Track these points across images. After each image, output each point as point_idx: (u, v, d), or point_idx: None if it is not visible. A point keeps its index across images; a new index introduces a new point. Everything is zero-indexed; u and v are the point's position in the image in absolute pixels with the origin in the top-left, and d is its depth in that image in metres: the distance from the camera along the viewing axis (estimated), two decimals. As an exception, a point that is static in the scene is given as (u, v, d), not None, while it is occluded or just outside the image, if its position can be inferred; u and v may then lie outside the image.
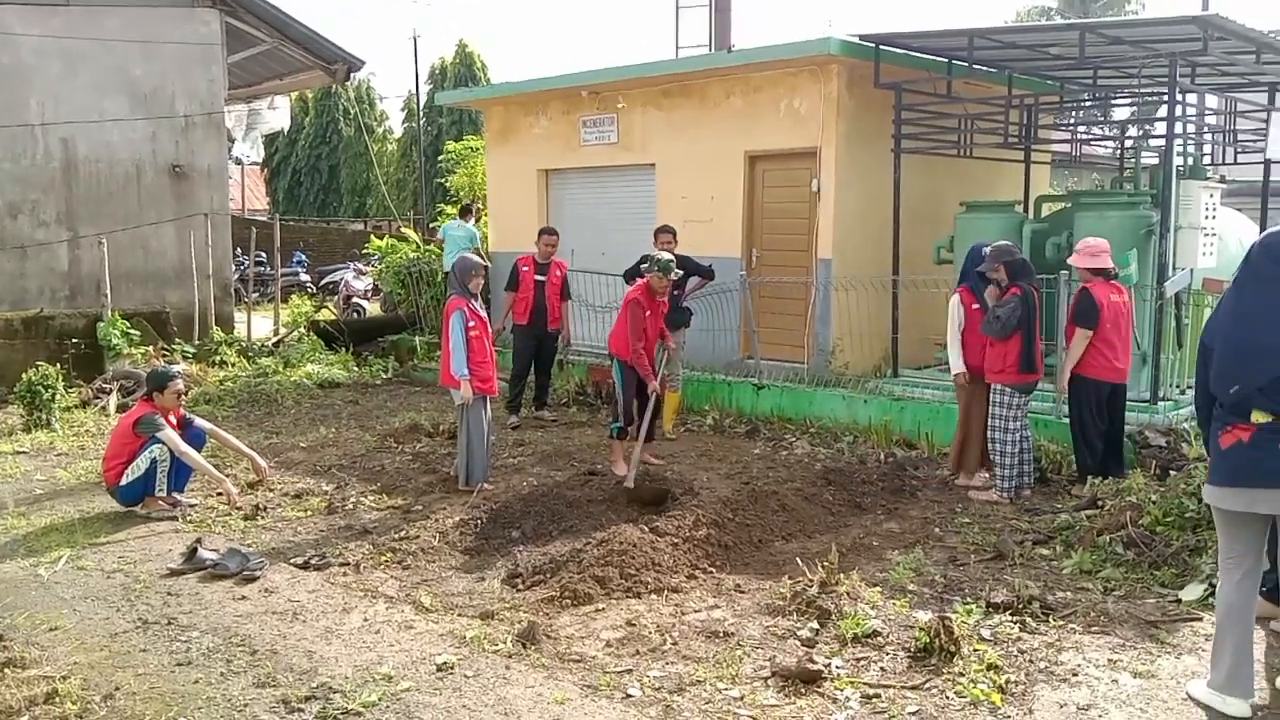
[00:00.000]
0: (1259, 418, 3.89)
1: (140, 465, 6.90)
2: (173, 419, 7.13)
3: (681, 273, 8.28)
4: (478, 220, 14.56)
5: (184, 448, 6.98)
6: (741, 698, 4.20)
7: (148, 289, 13.88)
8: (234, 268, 16.21)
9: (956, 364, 7.34)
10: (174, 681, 4.43)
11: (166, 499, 7.08)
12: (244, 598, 5.43)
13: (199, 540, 6.12)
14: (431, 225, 20.09)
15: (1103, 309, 6.88)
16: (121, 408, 10.66)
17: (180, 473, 7.16)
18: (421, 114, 33.85)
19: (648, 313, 7.77)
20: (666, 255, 7.88)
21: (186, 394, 7.86)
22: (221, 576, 5.71)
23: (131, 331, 12.38)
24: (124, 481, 6.90)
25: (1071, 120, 13.88)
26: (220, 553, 5.99)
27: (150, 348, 12.39)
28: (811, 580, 5.16)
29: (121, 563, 6.03)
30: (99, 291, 12.69)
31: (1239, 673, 4.01)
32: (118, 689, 4.36)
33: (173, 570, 5.83)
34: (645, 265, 7.90)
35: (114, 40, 13.33)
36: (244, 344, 13.63)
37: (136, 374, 11.36)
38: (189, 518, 6.95)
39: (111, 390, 11.00)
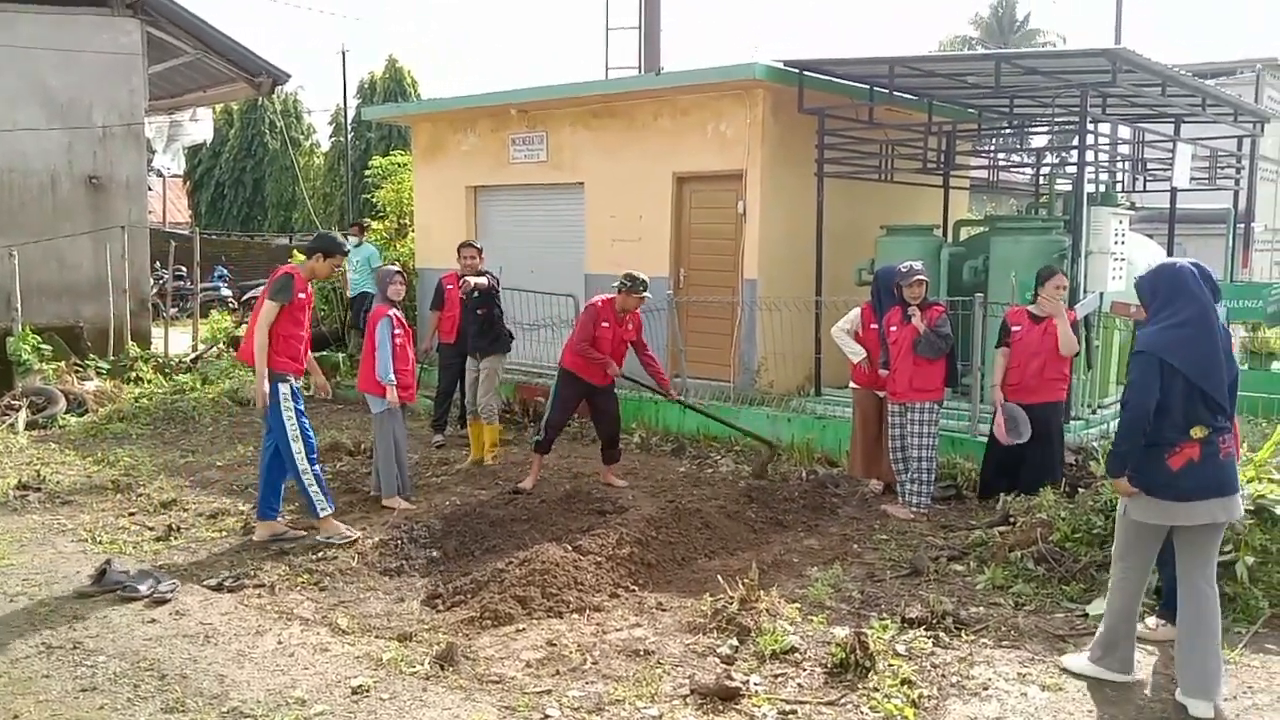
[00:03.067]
0: (1198, 433, 4.16)
1: (291, 415, 6.43)
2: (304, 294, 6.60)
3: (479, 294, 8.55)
4: (365, 233, 14.11)
5: (262, 338, 6.34)
6: (660, 716, 4.21)
7: (61, 303, 13.47)
8: (152, 282, 15.82)
9: (858, 351, 7.72)
10: (78, 708, 4.30)
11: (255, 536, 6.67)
12: (154, 621, 5.29)
13: (108, 561, 5.95)
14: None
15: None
16: (31, 425, 10.34)
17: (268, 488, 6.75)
18: (349, 129, 33.48)
19: (604, 323, 7.79)
20: (644, 275, 7.84)
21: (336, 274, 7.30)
22: (131, 599, 5.56)
23: (43, 346, 12.03)
24: (283, 400, 6.45)
25: (990, 147, 14.28)
26: (130, 574, 5.83)
27: (63, 363, 12.05)
28: (732, 598, 5.20)
29: (26, 585, 5.83)
30: (9, 305, 12.30)
31: (1122, 650, 4.51)
32: (16, 717, 4.21)
33: (80, 593, 5.67)
34: (621, 284, 7.76)
35: (28, 48, 12.96)
36: (161, 360, 13.30)
37: (48, 390, 11.04)
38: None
39: (20, 407, 10.65)
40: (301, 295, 6.51)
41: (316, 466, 6.64)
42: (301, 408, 6.57)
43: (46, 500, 7.69)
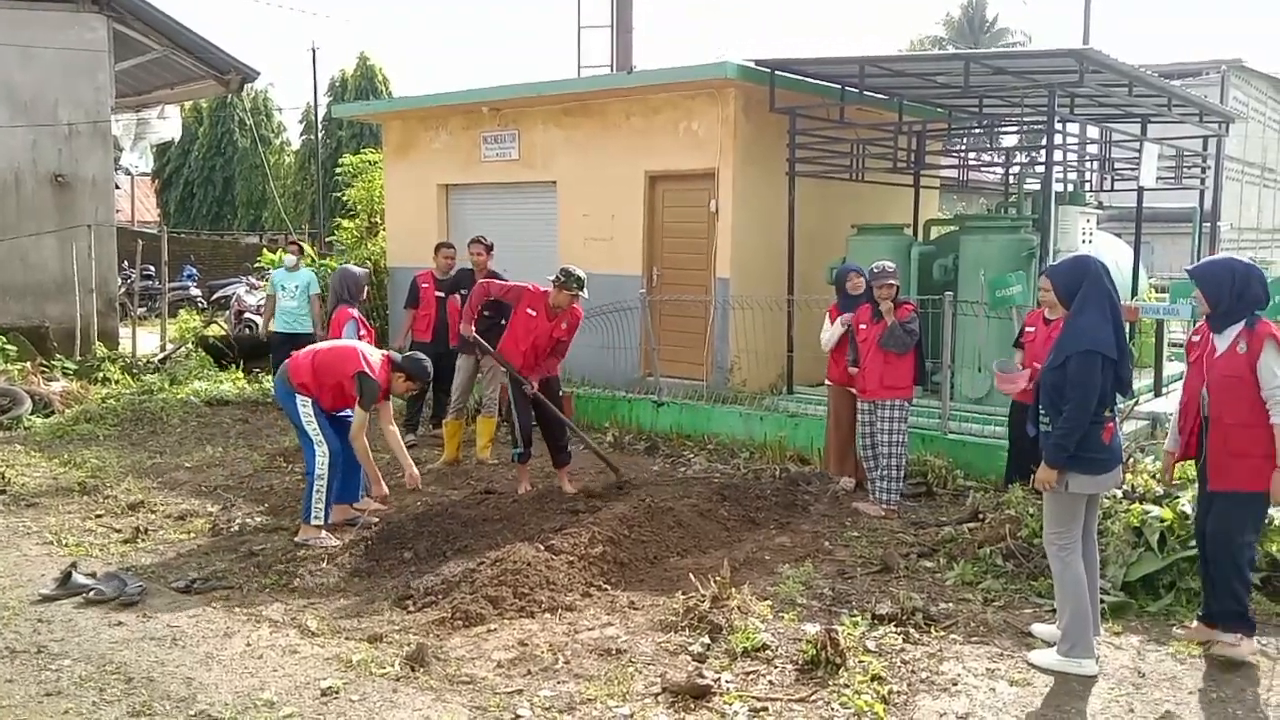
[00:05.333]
0: (1107, 412, 4.63)
1: (312, 421, 6.43)
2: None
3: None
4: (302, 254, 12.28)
5: (364, 443, 6.48)
6: (632, 715, 4.21)
7: (26, 303, 13.32)
8: (120, 281, 15.65)
9: (834, 336, 7.71)
10: (41, 713, 4.24)
11: (331, 525, 6.61)
12: (120, 624, 5.23)
13: (74, 564, 5.88)
14: (329, 240, 19.65)
15: None
16: (-6, 426, 10.19)
17: (349, 480, 6.81)
18: (320, 127, 33.29)
19: (530, 310, 7.57)
20: (581, 274, 7.59)
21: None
22: (97, 602, 5.49)
23: (8, 347, 11.89)
24: (300, 407, 6.45)
25: (959, 147, 14.38)
26: (96, 577, 5.76)
27: (28, 364, 11.89)
28: (704, 595, 5.21)
29: (-11, 589, 5.75)
30: (-28, 305, 12.14)
31: (1089, 637, 4.66)
32: (-20, 722, 4.16)
33: (45, 596, 5.58)
34: (556, 278, 7.59)
35: (-9, 44, 12.81)
36: (128, 360, 13.16)
37: (13, 391, 10.89)
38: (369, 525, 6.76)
39: (-16, 408, 10.49)
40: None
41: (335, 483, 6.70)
42: (326, 417, 6.57)
43: (11, 502, 7.58)
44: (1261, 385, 4.55)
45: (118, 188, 19.71)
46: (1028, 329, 7.04)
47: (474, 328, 7.78)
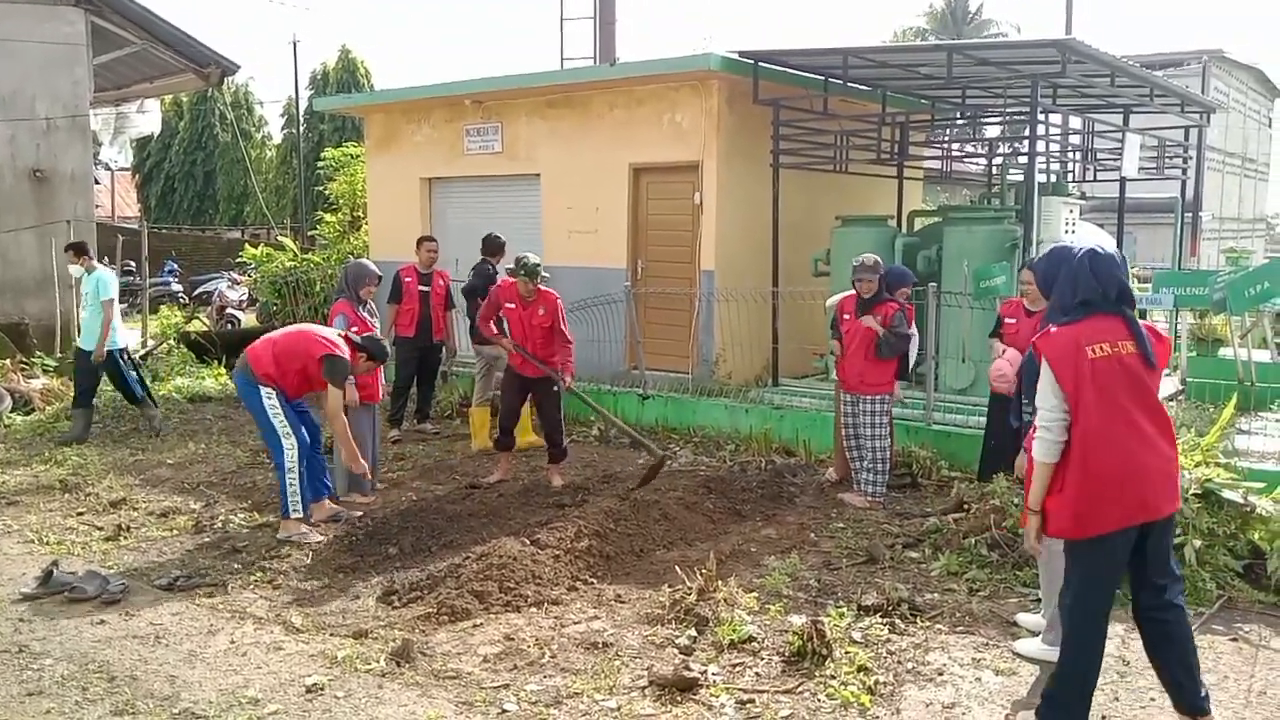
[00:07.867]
0: None
1: (279, 414, 6.39)
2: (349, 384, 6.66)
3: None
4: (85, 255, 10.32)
5: (343, 421, 6.51)
6: (619, 708, 4.20)
7: (5, 299, 13.20)
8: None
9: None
10: (23, 713, 4.21)
11: (311, 519, 6.61)
12: (103, 622, 5.19)
13: (55, 563, 5.82)
14: (311, 234, 19.53)
15: None
16: (-26, 424, 10.09)
17: (313, 473, 6.74)
18: (302, 120, 33.08)
19: (509, 303, 7.67)
20: (534, 258, 7.60)
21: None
22: (79, 600, 5.44)
23: (-14, 344, 11.75)
24: (265, 400, 6.39)
25: (943, 138, 14.40)
26: (78, 575, 5.71)
27: (7, 361, 11.78)
28: (690, 588, 5.20)
29: (-31, 589, 5.70)
30: (-49, 302, 12.02)
31: None
32: (-40, 723, 4.12)
33: (26, 595, 5.53)
34: (511, 268, 7.67)
35: (-33, 37, 12.67)
36: (110, 357, 13.03)
37: (-6, 388, 10.79)
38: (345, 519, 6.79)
39: (-37, 406, 10.39)
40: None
41: (321, 456, 6.87)
42: (291, 409, 6.52)
43: (-9, 501, 7.52)
44: None
45: (97, 183, 19.58)
46: (1008, 320, 7.03)
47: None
